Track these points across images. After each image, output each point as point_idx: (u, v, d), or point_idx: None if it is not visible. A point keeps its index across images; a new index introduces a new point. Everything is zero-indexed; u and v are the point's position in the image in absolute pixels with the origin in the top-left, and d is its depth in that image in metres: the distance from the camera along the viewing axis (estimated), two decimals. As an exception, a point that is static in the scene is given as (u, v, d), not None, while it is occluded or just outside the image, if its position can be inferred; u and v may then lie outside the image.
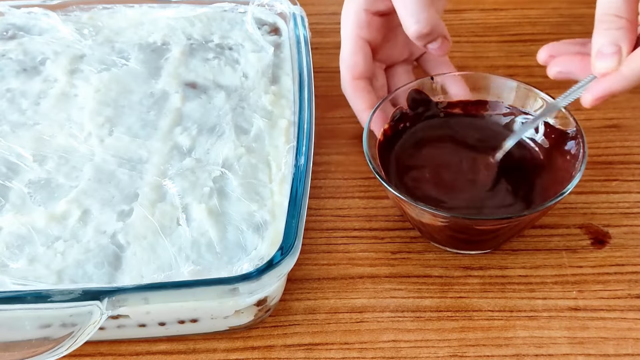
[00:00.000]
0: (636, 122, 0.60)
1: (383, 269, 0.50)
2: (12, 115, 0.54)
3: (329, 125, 0.60)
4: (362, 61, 0.54)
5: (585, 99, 0.45)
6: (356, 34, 0.54)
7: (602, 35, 0.44)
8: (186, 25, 0.62)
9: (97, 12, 0.64)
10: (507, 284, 0.49)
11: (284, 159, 0.50)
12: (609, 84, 0.44)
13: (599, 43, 0.44)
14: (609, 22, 0.43)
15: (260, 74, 0.57)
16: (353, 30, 0.54)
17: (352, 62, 0.54)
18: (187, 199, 0.48)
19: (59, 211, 0.47)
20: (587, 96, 0.45)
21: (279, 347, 0.46)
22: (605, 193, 0.55)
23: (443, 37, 0.52)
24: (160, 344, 0.46)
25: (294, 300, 0.49)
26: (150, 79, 0.57)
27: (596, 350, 0.45)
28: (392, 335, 0.46)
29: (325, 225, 0.53)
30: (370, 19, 0.54)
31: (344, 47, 0.54)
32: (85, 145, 0.52)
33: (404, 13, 0.50)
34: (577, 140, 0.49)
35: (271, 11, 0.63)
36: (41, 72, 0.58)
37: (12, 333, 0.40)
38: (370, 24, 0.54)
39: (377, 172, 0.47)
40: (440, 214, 0.45)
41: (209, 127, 0.53)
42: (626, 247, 0.51)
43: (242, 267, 0.43)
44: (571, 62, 0.47)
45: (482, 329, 0.47)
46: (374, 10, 0.54)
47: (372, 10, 0.54)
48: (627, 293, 0.48)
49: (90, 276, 0.43)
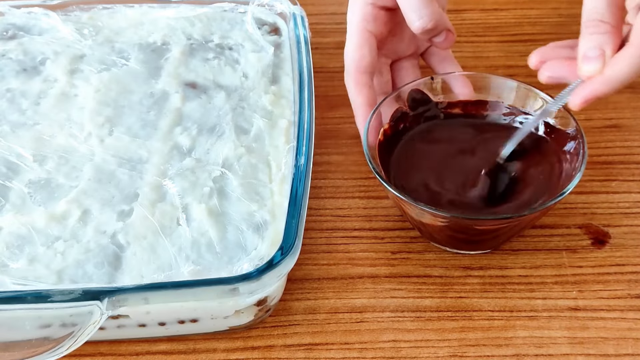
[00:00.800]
0: (636, 122, 0.60)
1: (383, 269, 0.50)
2: (12, 115, 0.54)
3: (329, 125, 0.60)
4: (368, 54, 0.54)
5: (573, 101, 0.46)
6: (363, 27, 0.54)
7: (587, 40, 0.45)
8: (186, 25, 0.62)
9: (97, 12, 0.64)
10: (507, 284, 0.49)
11: (284, 159, 0.50)
12: (594, 87, 0.45)
13: (584, 47, 0.45)
14: (593, 27, 0.45)
15: (260, 74, 0.57)
16: (359, 23, 0.54)
17: (358, 54, 0.54)
18: (187, 199, 0.48)
19: (59, 211, 0.47)
20: (575, 99, 0.46)
21: (279, 347, 0.46)
22: (605, 193, 0.55)
23: (447, 30, 0.52)
24: (160, 344, 0.46)
25: (294, 300, 0.49)
26: (150, 79, 0.57)
27: (596, 350, 0.45)
28: (392, 335, 0.46)
29: (325, 225, 0.53)
30: (376, 13, 0.54)
31: (350, 40, 0.54)
32: (85, 145, 0.52)
33: (408, 9, 0.51)
34: (577, 140, 0.49)
35: (271, 11, 0.63)
36: (41, 72, 0.58)
37: (12, 333, 0.40)
38: (376, 17, 0.54)
39: (377, 172, 0.47)
40: (440, 214, 0.45)
41: (209, 127, 0.53)
42: (626, 247, 0.51)
43: (242, 267, 0.43)
44: (561, 67, 0.48)
45: (482, 329, 0.47)
46: (381, 5, 0.54)
47: (379, 5, 0.54)
48: (627, 293, 0.48)
49: (90, 276, 0.43)
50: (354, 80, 0.53)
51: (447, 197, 0.49)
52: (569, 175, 0.47)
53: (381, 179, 0.47)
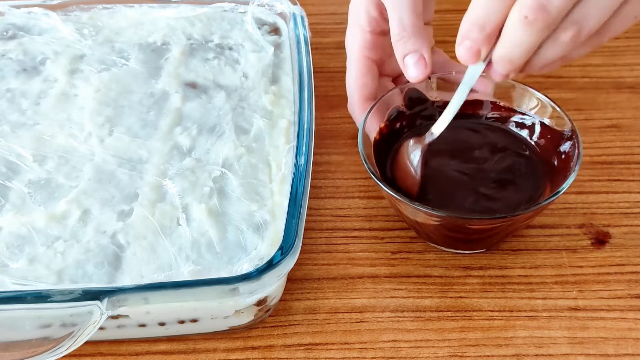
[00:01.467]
0: (636, 122, 0.60)
1: (383, 269, 0.50)
2: (12, 115, 0.54)
3: (329, 125, 0.60)
4: (371, 82, 0.54)
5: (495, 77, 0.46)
6: (363, 55, 0.54)
7: None
8: (186, 25, 0.62)
9: (97, 12, 0.64)
10: (507, 284, 0.49)
11: (284, 159, 0.50)
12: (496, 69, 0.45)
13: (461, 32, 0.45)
14: None
15: (260, 74, 0.57)
16: (359, 52, 0.54)
17: (360, 83, 0.54)
18: (187, 199, 0.48)
19: (59, 211, 0.47)
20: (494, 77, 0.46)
21: (279, 347, 0.46)
22: (605, 193, 0.55)
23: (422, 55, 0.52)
24: (160, 344, 0.46)
25: (294, 300, 0.49)
26: (150, 79, 0.57)
27: (596, 350, 0.45)
28: (392, 335, 0.46)
29: (325, 225, 0.53)
30: (375, 40, 0.54)
31: (352, 69, 0.55)
32: (85, 145, 0.52)
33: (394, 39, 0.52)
34: (572, 140, 0.49)
35: (271, 11, 0.63)
36: (41, 72, 0.58)
37: (12, 333, 0.40)
38: (375, 44, 0.55)
39: (372, 172, 0.47)
40: (435, 213, 0.45)
41: (209, 127, 0.53)
42: (626, 247, 0.51)
43: (242, 267, 0.43)
44: None
45: (482, 329, 0.47)
46: (379, 30, 0.54)
47: (377, 31, 0.54)
48: (627, 293, 0.48)
49: (90, 276, 0.43)
50: (359, 107, 0.54)
51: (445, 196, 0.48)
52: (563, 175, 0.47)
53: (376, 178, 0.47)
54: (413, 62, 0.51)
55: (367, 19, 0.54)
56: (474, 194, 0.49)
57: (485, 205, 0.48)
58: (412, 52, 0.50)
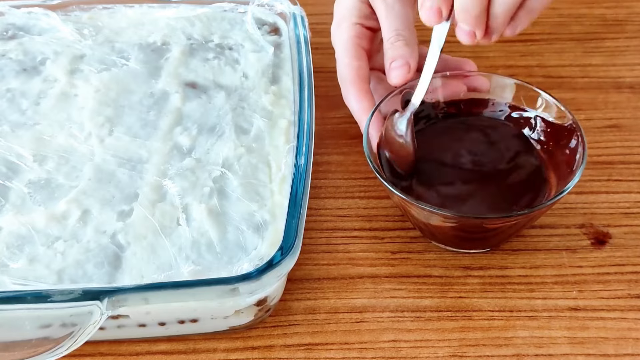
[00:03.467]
0: (636, 122, 0.60)
1: (383, 269, 0.50)
2: (12, 115, 0.54)
3: (329, 125, 0.60)
4: (364, 66, 0.54)
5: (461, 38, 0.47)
6: (354, 42, 0.55)
7: None
8: (186, 25, 0.62)
9: (97, 12, 0.64)
10: (507, 284, 0.49)
11: (284, 159, 0.50)
12: None
13: None
14: None
15: (260, 74, 0.57)
16: (350, 39, 0.55)
17: (355, 64, 0.54)
18: (187, 199, 0.48)
19: (59, 211, 0.47)
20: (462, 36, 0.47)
21: (279, 347, 0.46)
22: (605, 193, 0.55)
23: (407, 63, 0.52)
24: (160, 344, 0.46)
25: (294, 300, 0.49)
26: (150, 79, 0.57)
27: (596, 350, 0.45)
28: (392, 335, 0.46)
29: (325, 225, 0.53)
30: (364, 32, 0.55)
31: (344, 55, 0.54)
32: (85, 145, 0.52)
33: None
34: (576, 139, 0.49)
35: (271, 11, 0.63)
36: (41, 72, 0.58)
37: (12, 333, 0.40)
38: (365, 35, 0.55)
39: (379, 174, 0.47)
40: (449, 214, 0.45)
41: (209, 127, 0.53)
42: (626, 247, 0.51)
43: (242, 267, 0.43)
44: None
45: (482, 329, 0.47)
46: (367, 25, 0.55)
47: (366, 25, 0.55)
48: (627, 293, 0.48)
49: (90, 276, 0.43)
50: (355, 88, 0.53)
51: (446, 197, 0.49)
52: (568, 172, 0.47)
53: (383, 180, 0.47)
54: (397, 67, 0.52)
55: (357, 15, 0.55)
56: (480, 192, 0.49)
57: (488, 203, 0.48)
58: (400, 57, 0.52)
